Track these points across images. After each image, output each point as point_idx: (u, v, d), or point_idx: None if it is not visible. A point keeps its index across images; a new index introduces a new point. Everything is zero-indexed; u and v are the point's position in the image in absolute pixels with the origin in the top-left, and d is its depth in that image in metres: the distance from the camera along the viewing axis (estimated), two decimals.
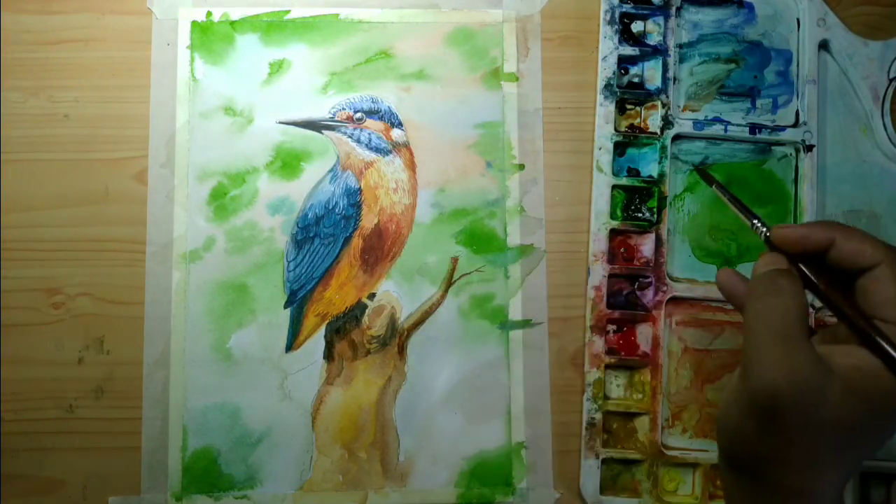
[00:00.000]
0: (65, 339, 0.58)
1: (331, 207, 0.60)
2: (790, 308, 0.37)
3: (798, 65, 0.63)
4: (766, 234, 0.44)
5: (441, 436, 0.58)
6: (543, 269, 0.60)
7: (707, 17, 0.63)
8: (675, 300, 0.60)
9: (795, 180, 0.62)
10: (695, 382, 0.60)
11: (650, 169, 0.61)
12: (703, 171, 0.58)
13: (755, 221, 0.46)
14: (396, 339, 0.59)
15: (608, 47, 0.62)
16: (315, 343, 0.59)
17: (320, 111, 0.61)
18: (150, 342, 0.58)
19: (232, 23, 0.61)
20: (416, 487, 0.58)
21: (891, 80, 0.62)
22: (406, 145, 0.61)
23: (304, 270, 0.59)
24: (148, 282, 0.58)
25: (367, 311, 0.59)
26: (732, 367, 0.60)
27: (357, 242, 0.59)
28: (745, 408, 0.37)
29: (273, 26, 0.61)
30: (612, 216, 0.61)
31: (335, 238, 0.59)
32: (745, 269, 0.61)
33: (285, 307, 0.59)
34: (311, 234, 0.59)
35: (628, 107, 0.62)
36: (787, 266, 0.41)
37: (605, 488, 0.58)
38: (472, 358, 0.59)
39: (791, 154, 0.62)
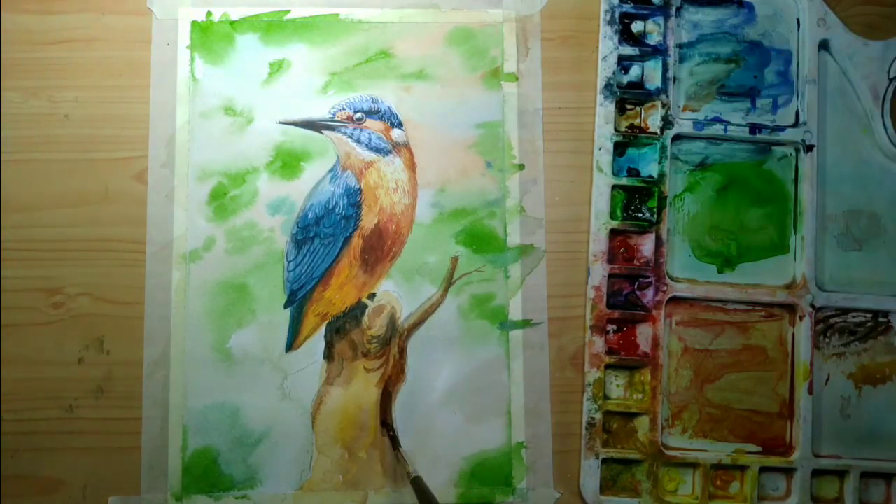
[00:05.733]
0: (65, 339, 0.58)
1: (331, 207, 0.60)
2: None
3: (798, 65, 0.63)
4: None
5: (441, 436, 0.58)
6: (543, 269, 0.60)
7: (707, 17, 0.63)
8: (675, 300, 0.60)
9: (795, 180, 0.62)
10: (695, 382, 0.60)
11: (650, 169, 0.61)
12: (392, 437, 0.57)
13: None
14: (396, 339, 0.59)
15: (608, 47, 0.62)
16: (315, 343, 0.59)
17: (320, 111, 0.61)
18: (150, 342, 0.58)
19: (232, 23, 0.61)
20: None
21: (891, 80, 0.62)
22: (406, 145, 0.61)
23: (304, 270, 0.59)
24: (148, 282, 0.58)
25: (367, 311, 0.59)
26: (732, 366, 0.60)
27: (357, 242, 0.59)
28: None
29: (273, 26, 0.61)
30: (612, 216, 0.61)
31: (335, 238, 0.59)
32: (745, 268, 0.61)
33: (285, 307, 0.59)
34: (311, 234, 0.59)
35: (628, 107, 0.62)
36: None
37: (605, 488, 0.59)
38: (472, 358, 0.59)
39: (791, 154, 0.62)
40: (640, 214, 0.61)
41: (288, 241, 0.59)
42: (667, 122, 0.61)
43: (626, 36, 0.62)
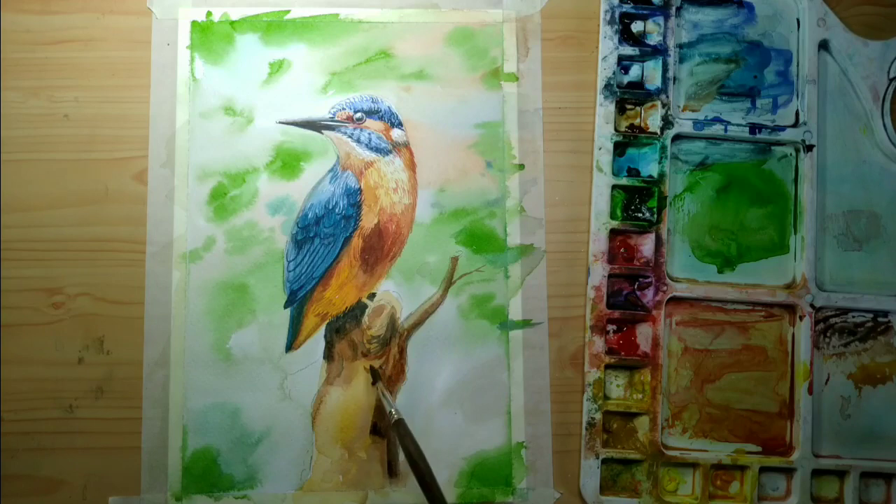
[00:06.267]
0: (65, 339, 0.58)
1: (331, 207, 0.60)
2: None
3: (798, 65, 0.63)
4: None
5: (441, 436, 0.58)
6: (543, 269, 0.60)
7: (707, 17, 0.63)
8: (675, 300, 0.60)
9: (795, 180, 0.62)
10: (695, 382, 0.60)
11: (650, 169, 0.61)
12: (373, 369, 0.58)
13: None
14: (396, 339, 0.59)
15: (608, 47, 0.62)
16: (315, 343, 0.59)
17: (320, 111, 0.61)
18: (150, 342, 0.58)
19: (232, 23, 0.61)
20: (417, 487, 0.58)
21: (891, 80, 0.62)
22: (406, 145, 0.61)
23: (304, 270, 0.59)
24: (148, 282, 0.58)
25: (367, 311, 0.59)
26: (732, 366, 0.60)
27: (357, 242, 0.59)
28: None
29: (273, 26, 0.61)
30: (612, 216, 0.61)
31: (335, 238, 0.59)
32: (745, 268, 0.61)
33: (285, 307, 0.59)
34: (311, 234, 0.59)
35: (628, 107, 0.62)
36: None
37: (605, 488, 0.59)
38: (472, 358, 0.59)
39: (791, 154, 0.62)
40: (640, 214, 0.61)
41: (288, 241, 0.59)
42: (667, 122, 0.61)
43: (626, 36, 0.62)
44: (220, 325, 0.58)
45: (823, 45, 0.62)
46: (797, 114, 0.62)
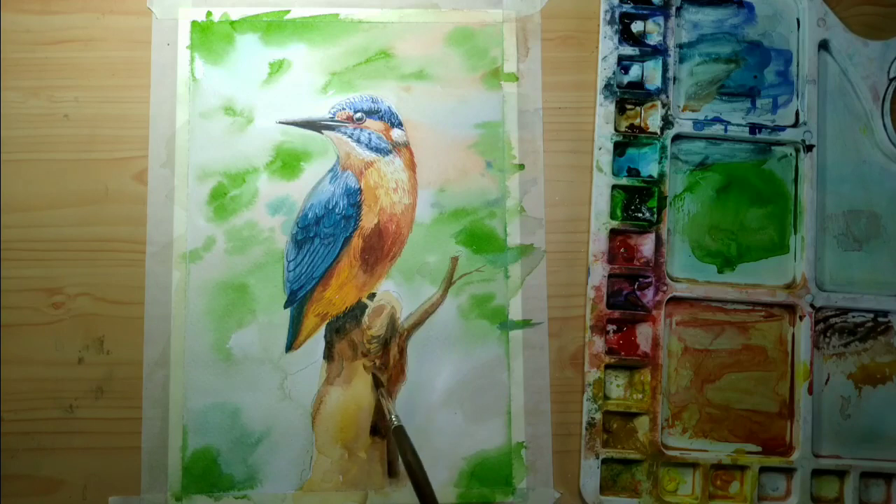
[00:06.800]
0: (65, 339, 0.58)
1: (331, 207, 0.60)
2: None
3: (798, 65, 0.63)
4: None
5: (441, 436, 0.58)
6: (543, 269, 0.60)
7: (707, 17, 0.63)
8: (675, 300, 0.60)
9: (795, 180, 0.62)
10: (695, 382, 0.60)
11: (650, 169, 0.61)
12: (375, 377, 0.58)
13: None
14: (396, 339, 0.59)
15: (608, 47, 0.62)
16: (315, 343, 0.59)
17: (320, 111, 0.61)
18: (150, 342, 0.58)
19: (232, 23, 0.61)
20: None
21: (891, 80, 0.62)
22: (406, 145, 0.61)
23: (304, 270, 0.59)
24: (148, 282, 0.58)
25: (367, 311, 0.59)
26: (732, 366, 0.60)
27: (357, 242, 0.59)
28: None
29: (273, 26, 0.61)
30: (612, 216, 0.61)
31: (335, 238, 0.59)
32: (745, 268, 0.61)
33: (285, 307, 0.59)
34: (311, 234, 0.59)
35: (628, 107, 0.62)
36: None
37: (605, 488, 0.59)
38: (472, 358, 0.59)
39: (791, 154, 0.62)
40: (640, 214, 0.61)
41: (288, 241, 0.59)
42: (667, 122, 0.61)
43: (626, 36, 0.62)
44: (220, 325, 0.58)
45: (823, 45, 0.62)
46: (797, 114, 0.62)
